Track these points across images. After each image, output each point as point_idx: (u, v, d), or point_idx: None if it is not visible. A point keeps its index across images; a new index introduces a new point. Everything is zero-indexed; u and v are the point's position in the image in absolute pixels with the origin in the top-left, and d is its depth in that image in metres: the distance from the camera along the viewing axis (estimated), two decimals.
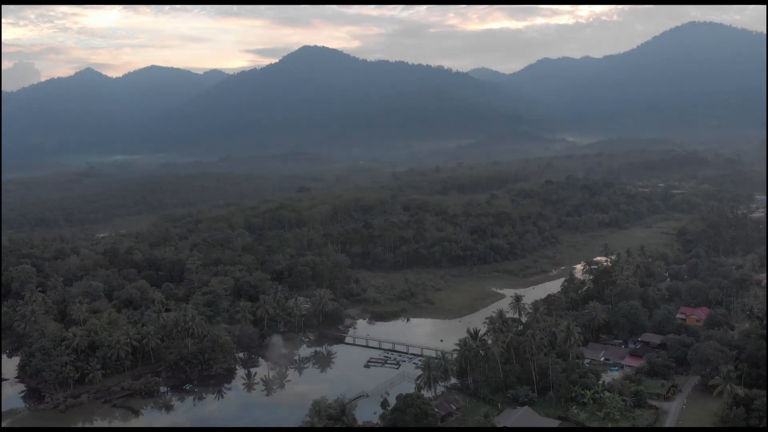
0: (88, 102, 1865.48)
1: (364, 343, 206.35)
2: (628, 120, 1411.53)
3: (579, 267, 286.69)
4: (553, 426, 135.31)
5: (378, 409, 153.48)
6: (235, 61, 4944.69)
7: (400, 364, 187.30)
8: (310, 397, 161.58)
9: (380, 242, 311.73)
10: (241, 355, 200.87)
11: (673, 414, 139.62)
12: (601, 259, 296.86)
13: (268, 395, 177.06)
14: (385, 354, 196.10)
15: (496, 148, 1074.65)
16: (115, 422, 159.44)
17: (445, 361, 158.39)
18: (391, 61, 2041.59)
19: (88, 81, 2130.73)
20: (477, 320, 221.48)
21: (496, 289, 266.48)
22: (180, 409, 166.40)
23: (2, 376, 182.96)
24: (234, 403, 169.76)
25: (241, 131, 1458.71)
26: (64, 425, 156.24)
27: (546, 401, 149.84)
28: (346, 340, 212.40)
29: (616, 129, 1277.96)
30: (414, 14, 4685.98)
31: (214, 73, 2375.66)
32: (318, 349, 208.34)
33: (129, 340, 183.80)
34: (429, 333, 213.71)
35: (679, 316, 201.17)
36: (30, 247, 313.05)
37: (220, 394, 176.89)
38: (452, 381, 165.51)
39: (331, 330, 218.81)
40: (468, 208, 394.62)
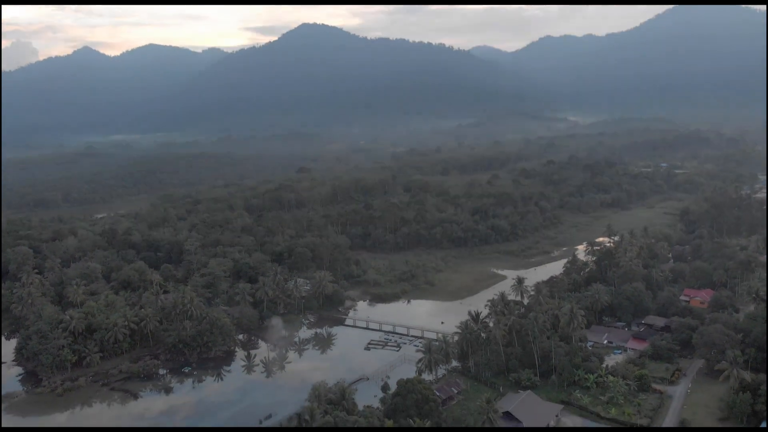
0: (87, 81, 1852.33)
1: (365, 325, 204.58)
2: (631, 99, 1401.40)
3: (581, 248, 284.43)
4: (556, 410, 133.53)
5: (378, 392, 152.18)
6: (234, 39, 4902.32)
7: (400, 347, 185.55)
8: (310, 380, 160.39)
9: (381, 223, 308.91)
10: (241, 337, 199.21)
11: (677, 398, 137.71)
12: (603, 240, 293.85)
13: (268, 377, 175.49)
14: (386, 336, 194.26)
15: (498, 128, 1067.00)
16: (114, 405, 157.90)
17: (446, 344, 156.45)
18: (391, 39, 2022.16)
19: (86, 60, 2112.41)
20: (478, 302, 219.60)
21: (498, 271, 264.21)
22: (179, 392, 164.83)
23: (1, 360, 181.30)
24: (233, 386, 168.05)
25: (240, 110, 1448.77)
26: (61, 409, 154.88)
27: (549, 385, 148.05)
28: (347, 322, 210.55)
29: (619, 108, 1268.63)
30: None
31: (213, 52, 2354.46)
32: (318, 331, 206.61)
33: (127, 323, 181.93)
34: (430, 315, 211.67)
35: (683, 298, 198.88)
36: (27, 228, 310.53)
37: (220, 377, 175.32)
38: (453, 364, 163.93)
39: (331, 312, 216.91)
40: (469, 189, 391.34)
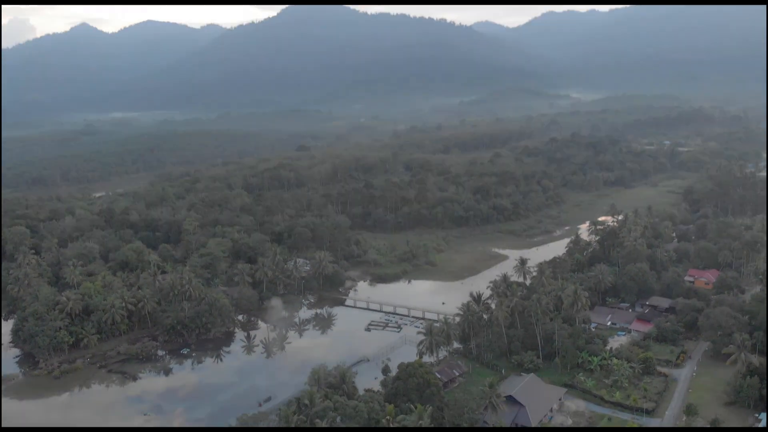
0: (85, 58, 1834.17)
1: (365, 306, 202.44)
2: (634, 75, 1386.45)
3: (584, 227, 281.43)
4: (559, 394, 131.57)
5: (379, 374, 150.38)
6: (233, 15, 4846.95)
7: (401, 328, 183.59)
8: (311, 361, 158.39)
9: (381, 203, 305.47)
10: (241, 317, 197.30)
11: (683, 382, 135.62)
12: (606, 219, 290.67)
13: (268, 357, 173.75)
14: (386, 317, 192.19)
15: (500, 105, 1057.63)
16: (113, 387, 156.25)
17: (448, 326, 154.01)
18: (392, 14, 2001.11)
19: (84, 37, 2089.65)
20: (480, 282, 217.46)
21: (499, 251, 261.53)
22: (178, 374, 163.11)
23: (1, 344, 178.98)
24: (233, 367, 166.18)
25: (239, 87, 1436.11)
26: (59, 391, 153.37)
27: (552, 368, 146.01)
28: (347, 303, 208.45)
29: (622, 85, 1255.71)
30: None
31: (211, 28, 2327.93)
32: (318, 312, 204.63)
33: (124, 304, 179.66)
34: (431, 295, 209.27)
35: (688, 278, 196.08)
36: (24, 207, 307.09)
37: (219, 358, 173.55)
38: (455, 345, 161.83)
39: (331, 292, 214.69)
40: (471, 168, 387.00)
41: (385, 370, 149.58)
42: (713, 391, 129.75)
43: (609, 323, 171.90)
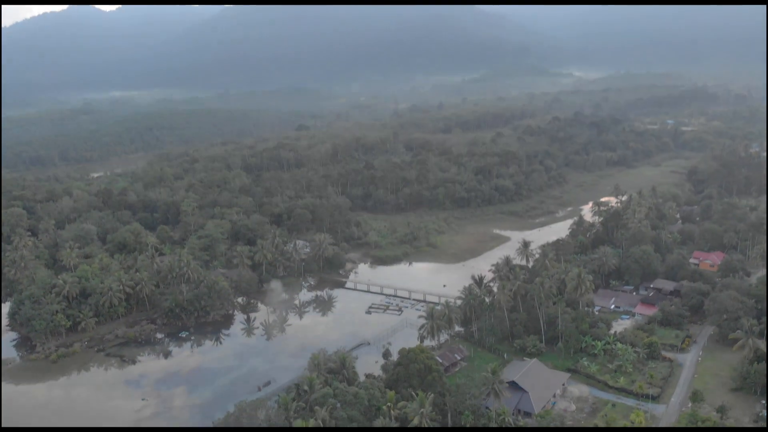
0: (83, 37, 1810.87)
1: (366, 289, 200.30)
2: (637, 53, 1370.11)
3: (587, 208, 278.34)
4: (562, 379, 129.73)
5: (380, 358, 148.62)
6: None
7: (402, 310, 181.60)
8: (311, 345, 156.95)
9: (382, 184, 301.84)
10: (240, 300, 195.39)
11: (688, 367, 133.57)
12: (609, 200, 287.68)
13: (268, 339, 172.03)
14: (387, 300, 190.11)
15: (502, 83, 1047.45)
16: (111, 370, 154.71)
17: (449, 310, 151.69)
18: None
19: (82, 15, 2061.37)
20: (481, 264, 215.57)
21: (501, 232, 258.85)
22: (177, 357, 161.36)
23: (1, 328, 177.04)
24: (232, 351, 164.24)
25: (238, 66, 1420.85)
26: (56, 375, 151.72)
27: (555, 352, 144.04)
28: (347, 285, 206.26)
29: (624, 62, 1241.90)
30: None
31: (211, 6, 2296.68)
32: (319, 294, 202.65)
33: (122, 287, 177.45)
34: (432, 278, 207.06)
35: (692, 260, 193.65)
36: (21, 188, 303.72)
37: (219, 341, 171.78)
38: (456, 329, 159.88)
39: (331, 275, 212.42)
40: (472, 147, 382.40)
41: (386, 354, 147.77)
42: (719, 376, 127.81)
43: (612, 306, 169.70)
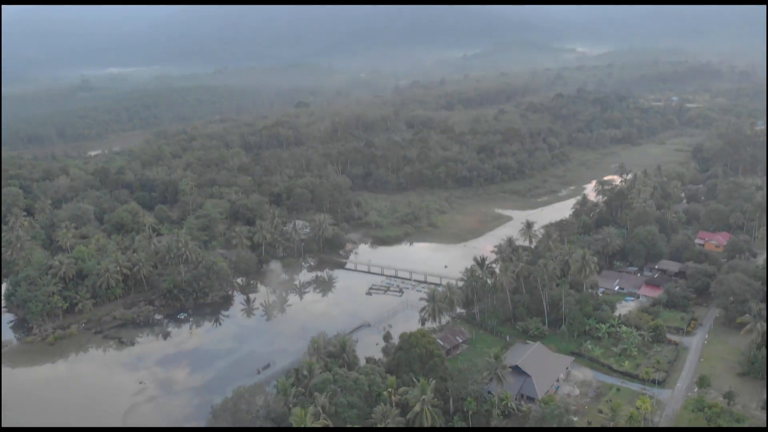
0: (80, 12, 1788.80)
1: (366, 269, 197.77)
2: (640, 29, 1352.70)
3: (590, 187, 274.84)
4: (566, 363, 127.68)
5: (380, 340, 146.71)
6: None
7: (402, 292, 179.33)
8: (310, 327, 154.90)
9: (382, 162, 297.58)
10: (239, 281, 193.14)
11: (694, 350, 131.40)
12: (613, 178, 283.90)
13: (268, 320, 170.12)
14: (388, 281, 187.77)
15: (504, 58, 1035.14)
16: (109, 352, 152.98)
17: (451, 292, 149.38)
18: None
19: None
20: (483, 244, 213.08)
21: (503, 211, 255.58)
22: (175, 339, 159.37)
23: (1, 310, 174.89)
24: (231, 333, 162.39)
25: (237, 41, 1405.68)
26: (53, 358, 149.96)
27: (558, 335, 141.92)
28: (347, 266, 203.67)
29: (627, 38, 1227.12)
30: None
31: None
32: (319, 274, 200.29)
33: (119, 268, 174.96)
34: (433, 258, 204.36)
35: (698, 241, 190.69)
36: (18, 167, 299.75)
37: (218, 322, 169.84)
38: (458, 311, 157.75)
39: (331, 255, 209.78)
40: (475, 125, 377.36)
41: (387, 337, 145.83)
42: (725, 360, 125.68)
43: (617, 288, 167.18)
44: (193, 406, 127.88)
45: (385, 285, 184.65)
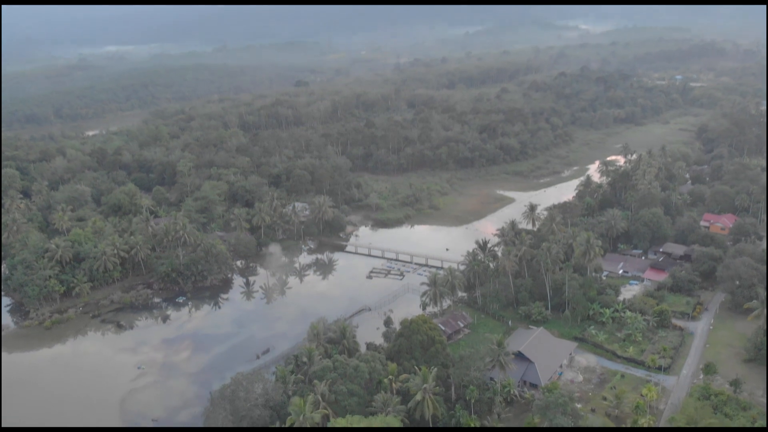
0: None
1: (366, 252, 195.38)
2: (644, 6, 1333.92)
3: (593, 167, 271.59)
4: (570, 349, 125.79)
5: (381, 325, 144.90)
6: None
7: (403, 275, 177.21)
8: (310, 311, 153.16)
9: (383, 143, 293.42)
10: (239, 263, 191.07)
11: (699, 336, 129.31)
12: (616, 159, 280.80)
13: (268, 303, 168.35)
14: (388, 264, 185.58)
15: (506, 36, 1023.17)
16: (107, 336, 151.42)
17: (452, 276, 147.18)
18: None
19: None
20: (485, 226, 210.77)
21: (505, 193, 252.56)
22: (174, 324, 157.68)
23: (1, 294, 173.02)
24: (230, 317, 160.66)
25: (236, 18, 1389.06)
26: (50, 343, 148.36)
27: (561, 320, 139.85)
28: (348, 249, 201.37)
29: (631, 15, 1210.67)
30: None
31: None
32: (319, 257, 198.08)
33: (116, 251, 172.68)
34: (434, 241, 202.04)
35: (703, 223, 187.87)
36: (14, 148, 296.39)
37: (217, 305, 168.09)
38: (459, 294, 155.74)
39: (331, 238, 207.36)
40: (477, 104, 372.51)
41: (387, 322, 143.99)
42: (731, 346, 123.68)
43: (621, 271, 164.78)
44: (192, 391, 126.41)
45: (386, 268, 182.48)
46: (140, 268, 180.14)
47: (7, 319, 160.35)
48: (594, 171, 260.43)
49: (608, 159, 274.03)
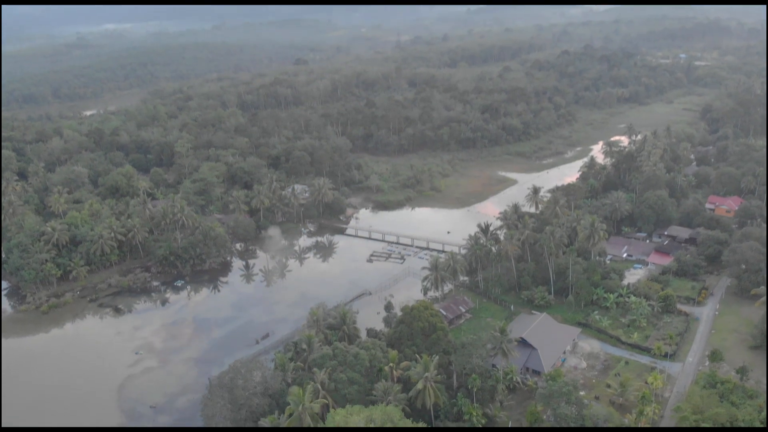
0: None
1: (367, 235, 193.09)
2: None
3: (596, 147, 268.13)
4: (573, 335, 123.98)
5: (381, 309, 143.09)
6: None
7: (404, 259, 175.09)
8: (310, 295, 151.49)
9: (383, 123, 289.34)
10: (238, 246, 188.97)
11: (704, 321, 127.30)
12: (620, 139, 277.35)
13: (268, 286, 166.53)
14: (389, 247, 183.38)
15: (508, 13, 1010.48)
16: (105, 320, 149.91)
17: (454, 261, 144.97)
18: None
19: None
20: (487, 208, 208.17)
21: (507, 174, 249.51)
22: (173, 307, 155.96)
23: (1, 280, 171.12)
24: (229, 301, 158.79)
25: None
26: (47, 328, 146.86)
27: (565, 305, 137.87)
28: (348, 232, 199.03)
29: None
30: None
31: None
32: (319, 240, 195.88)
33: (113, 234, 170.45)
34: (435, 224, 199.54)
35: (708, 206, 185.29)
36: (10, 128, 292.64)
37: (216, 289, 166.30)
38: (461, 278, 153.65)
39: (331, 221, 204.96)
40: (479, 83, 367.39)
41: (388, 307, 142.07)
42: (737, 332, 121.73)
43: (625, 255, 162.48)
44: (190, 377, 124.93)
45: (387, 252, 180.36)
46: (138, 251, 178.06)
47: (4, 304, 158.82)
48: (597, 152, 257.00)
49: (612, 139, 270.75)
